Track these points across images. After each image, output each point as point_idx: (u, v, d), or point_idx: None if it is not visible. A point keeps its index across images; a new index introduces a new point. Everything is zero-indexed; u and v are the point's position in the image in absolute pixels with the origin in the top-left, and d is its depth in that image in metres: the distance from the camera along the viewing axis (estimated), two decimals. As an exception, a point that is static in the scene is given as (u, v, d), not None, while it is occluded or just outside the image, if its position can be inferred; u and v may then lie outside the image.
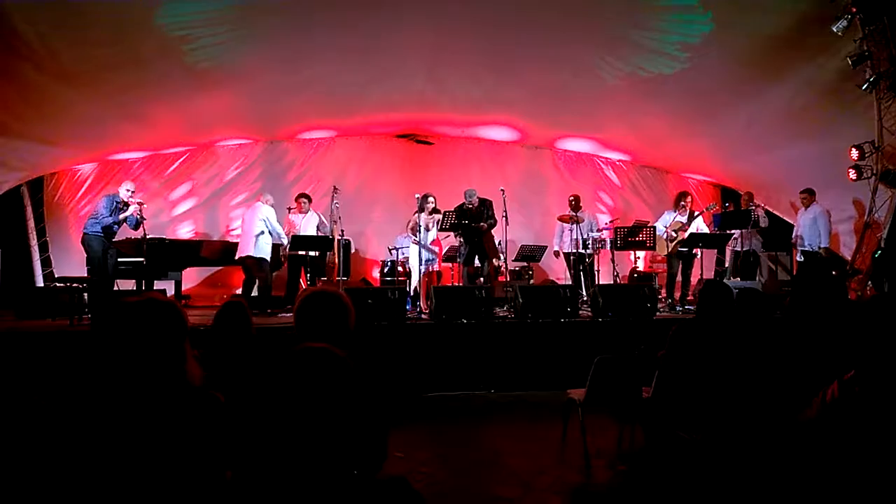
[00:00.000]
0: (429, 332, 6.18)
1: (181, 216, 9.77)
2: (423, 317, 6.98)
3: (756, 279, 8.20)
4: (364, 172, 10.41)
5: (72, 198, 9.24)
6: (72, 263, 8.43)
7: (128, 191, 7.07)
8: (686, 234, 7.91)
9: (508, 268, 8.69)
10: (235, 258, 7.87)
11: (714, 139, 9.26)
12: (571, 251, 8.60)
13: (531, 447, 4.31)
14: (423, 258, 8.08)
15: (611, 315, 6.59)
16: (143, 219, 7.02)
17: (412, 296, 7.89)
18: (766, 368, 2.84)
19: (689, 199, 8.31)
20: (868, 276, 7.34)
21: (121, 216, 6.93)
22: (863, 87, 6.88)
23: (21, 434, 1.21)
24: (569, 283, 7.63)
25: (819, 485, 1.84)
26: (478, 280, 7.84)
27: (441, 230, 7.88)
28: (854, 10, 6.38)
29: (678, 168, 11.24)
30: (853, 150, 7.30)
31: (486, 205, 7.74)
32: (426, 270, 8.16)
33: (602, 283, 8.13)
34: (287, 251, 7.93)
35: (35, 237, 8.92)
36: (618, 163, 11.25)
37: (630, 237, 8.12)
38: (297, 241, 7.69)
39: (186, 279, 8.04)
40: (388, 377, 5.26)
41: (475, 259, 7.80)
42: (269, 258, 7.73)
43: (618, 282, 8.77)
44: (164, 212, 9.60)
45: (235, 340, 2.96)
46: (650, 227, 8.15)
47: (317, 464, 1.08)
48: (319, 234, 8.12)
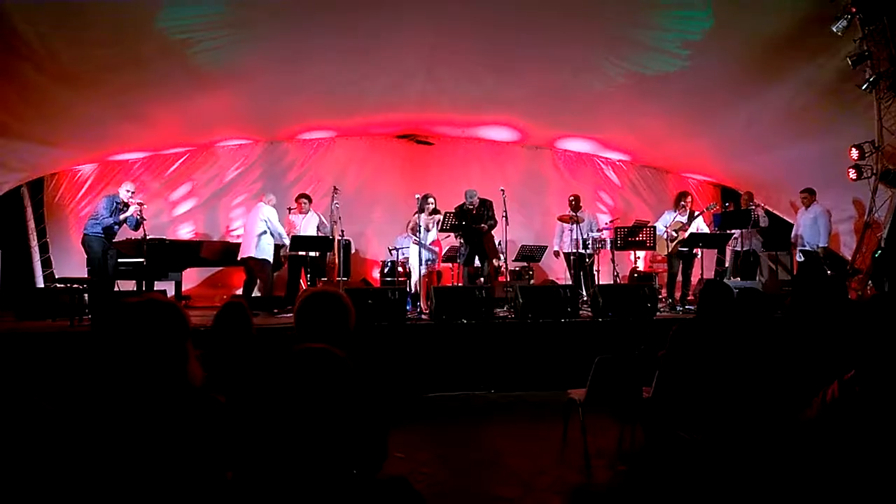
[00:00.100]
0: (429, 333, 6.18)
1: (181, 217, 9.78)
2: (424, 317, 6.98)
3: (756, 279, 8.21)
4: (364, 173, 10.41)
5: (72, 198, 9.24)
6: (72, 264, 8.43)
7: (128, 191, 7.08)
8: (686, 234, 7.91)
9: (508, 268, 8.69)
10: (238, 259, 7.87)
11: (714, 139, 9.25)
12: (571, 251, 8.60)
13: (531, 447, 4.31)
14: (424, 258, 8.09)
15: (611, 315, 6.59)
16: (144, 219, 7.03)
17: (412, 295, 7.89)
18: (767, 368, 2.84)
19: (690, 199, 8.32)
20: (868, 276, 7.34)
21: (121, 217, 6.94)
22: (863, 87, 6.88)
23: (22, 435, 1.21)
24: (569, 284, 7.62)
25: (819, 484, 1.84)
26: (478, 280, 7.84)
27: (441, 230, 7.89)
28: (854, 10, 6.38)
29: (678, 168, 11.24)
30: (853, 150, 7.30)
31: (487, 205, 7.74)
32: (426, 271, 8.17)
33: (602, 283, 8.13)
34: (287, 251, 7.93)
35: (35, 238, 8.92)
36: (618, 163, 11.25)
37: (630, 237, 8.13)
38: (297, 242, 7.68)
39: (187, 280, 8.05)
40: (389, 377, 5.27)
41: (475, 259, 7.79)
42: (272, 259, 7.74)
43: (618, 282, 8.77)
44: (165, 212, 9.61)
45: (235, 341, 2.96)
46: (650, 227, 8.16)
47: (317, 464, 1.09)
48: (319, 235, 8.13)
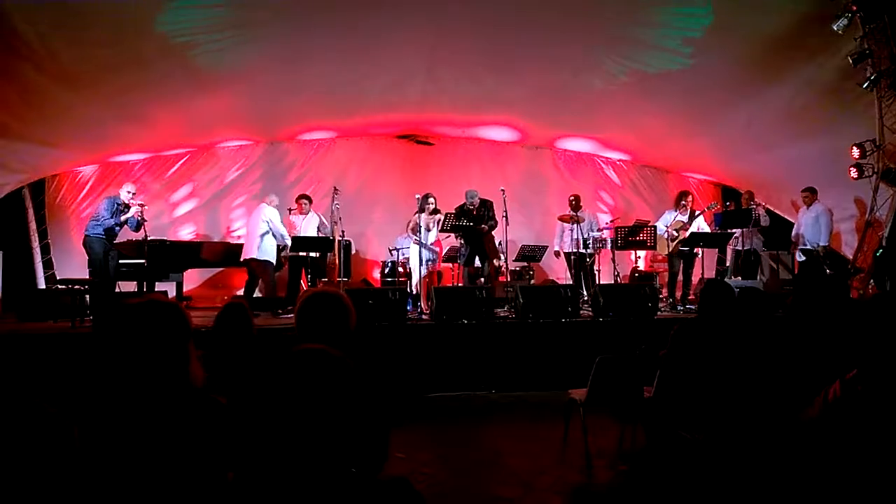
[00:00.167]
0: (430, 333, 6.18)
1: (182, 218, 9.78)
2: (424, 317, 6.97)
3: (757, 278, 8.20)
4: (364, 173, 10.41)
5: (73, 200, 9.25)
6: (73, 265, 8.44)
7: (129, 192, 7.09)
8: (687, 234, 7.91)
9: (509, 268, 8.69)
10: (240, 260, 7.88)
11: (714, 138, 9.25)
12: (572, 251, 8.60)
13: (532, 447, 4.31)
14: (424, 258, 8.08)
15: (612, 315, 6.58)
16: (145, 220, 7.03)
17: (413, 295, 7.86)
18: (768, 367, 2.83)
19: (690, 199, 8.33)
20: (870, 275, 7.33)
21: (122, 218, 6.95)
22: (863, 86, 6.87)
23: (23, 437, 1.21)
24: (570, 283, 7.62)
25: (821, 484, 1.83)
26: (478, 280, 7.84)
27: (442, 231, 7.88)
28: (854, 9, 6.37)
29: (679, 167, 11.23)
30: (854, 149, 7.29)
31: (487, 206, 7.73)
32: (427, 271, 8.16)
33: (603, 283, 8.13)
34: (287, 252, 7.93)
35: (37, 239, 8.93)
36: (618, 162, 11.24)
37: (631, 237, 8.12)
38: (298, 243, 7.68)
39: (188, 280, 8.05)
40: (389, 378, 5.26)
41: (476, 259, 7.79)
42: (275, 260, 7.73)
43: (619, 281, 8.76)
44: (166, 213, 9.61)
45: (236, 341, 2.96)
46: (651, 227, 8.15)
47: (317, 465, 1.09)
48: (320, 235, 8.13)
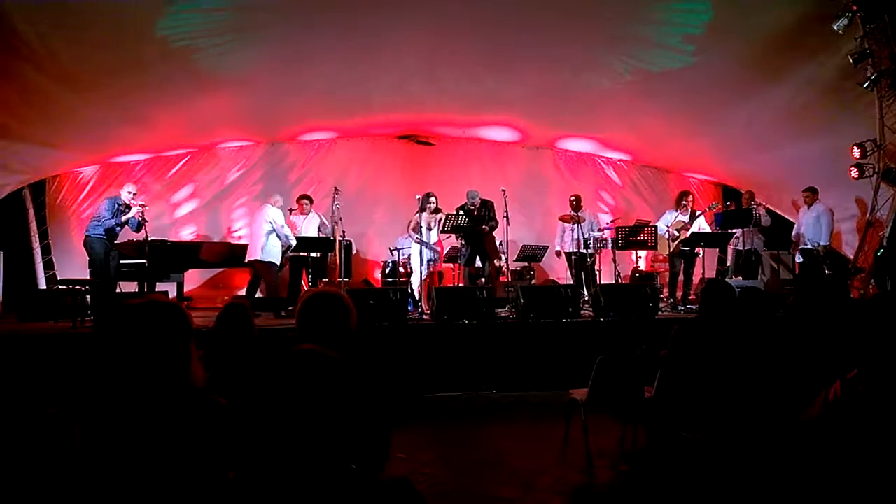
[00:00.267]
0: (430, 333, 6.18)
1: (183, 218, 9.78)
2: (425, 318, 6.97)
3: (758, 278, 8.19)
4: (365, 173, 10.41)
5: (74, 200, 9.25)
6: (74, 266, 8.44)
7: (129, 193, 7.09)
8: (688, 234, 7.90)
9: (510, 268, 8.68)
10: (245, 261, 7.89)
11: (715, 138, 9.24)
12: (573, 251, 8.60)
13: (533, 447, 4.31)
14: (426, 258, 8.06)
15: (613, 315, 6.58)
16: (146, 221, 7.03)
17: (414, 295, 7.84)
18: (769, 367, 2.83)
19: (691, 199, 8.32)
20: (870, 275, 7.33)
21: (123, 218, 6.95)
22: (864, 86, 6.87)
23: (24, 438, 1.21)
24: (570, 283, 7.62)
25: (822, 484, 1.83)
26: (479, 280, 7.83)
27: (443, 232, 7.87)
28: (855, 9, 6.37)
29: (679, 167, 11.22)
30: (855, 149, 7.29)
31: (488, 206, 7.73)
32: (428, 271, 8.14)
33: (604, 283, 8.13)
34: (288, 252, 7.94)
35: (37, 240, 8.93)
36: (619, 162, 11.24)
37: (631, 237, 8.12)
38: (299, 243, 7.69)
39: (188, 281, 8.05)
40: (390, 378, 5.26)
41: (476, 260, 7.79)
42: (279, 261, 7.70)
43: (619, 281, 8.76)
44: (166, 214, 9.61)
45: (237, 342, 2.96)
46: (651, 227, 8.15)
47: (316, 465, 1.09)
48: (321, 236, 8.13)
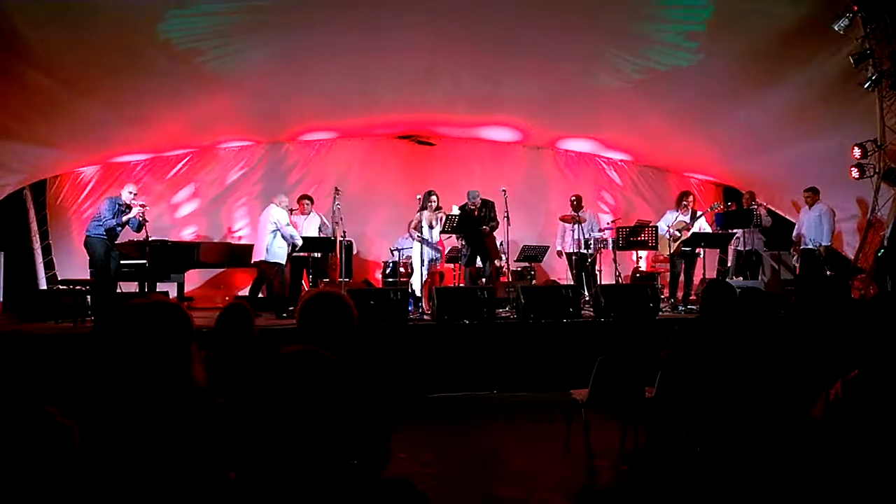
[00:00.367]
0: (431, 333, 6.18)
1: (184, 218, 9.78)
2: (426, 318, 6.97)
3: (759, 278, 8.19)
4: (366, 173, 10.40)
5: (74, 200, 9.25)
6: (75, 266, 8.44)
7: (130, 193, 7.08)
8: (689, 234, 7.90)
9: (510, 268, 8.68)
10: (251, 262, 7.91)
11: (716, 139, 9.23)
12: (573, 251, 8.59)
13: (534, 448, 4.31)
14: (427, 258, 8.03)
15: (613, 315, 6.58)
16: (146, 221, 7.03)
17: (414, 294, 7.80)
18: (770, 368, 2.83)
19: (692, 199, 8.32)
20: (871, 275, 7.32)
21: (124, 218, 6.94)
22: (865, 86, 6.86)
23: (23, 437, 1.21)
24: (571, 284, 7.61)
25: (823, 484, 1.83)
26: (480, 281, 7.83)
27: (443, 232, 7.87)
28: (855, 9, 6.36)
29: (680, 167, 11.22)
30: (855, 149, 7.28)
31: (488, 206, 7.73)
32: (429, 270, 8.12)
33: (604, 283, 8.12)
34: (292, 252, 7.93)
35: (38, 240, 8.93)
36: (619, 162, 11.23)
37: (632, 237, 8.11)
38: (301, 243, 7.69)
39: (189, 281, 8.04)
40: (391, 378, 5.26)
41: (477, 260, 7.78)
42: (285, 262, 7.67)
43: (620, 282, 8.75)
44: (167, 214, 9.61)
45: (237, 342, 2.96)
46: (652, 227, 8.14)
47: (316, 465, 1.09)
48: (321, 236, 8.13)
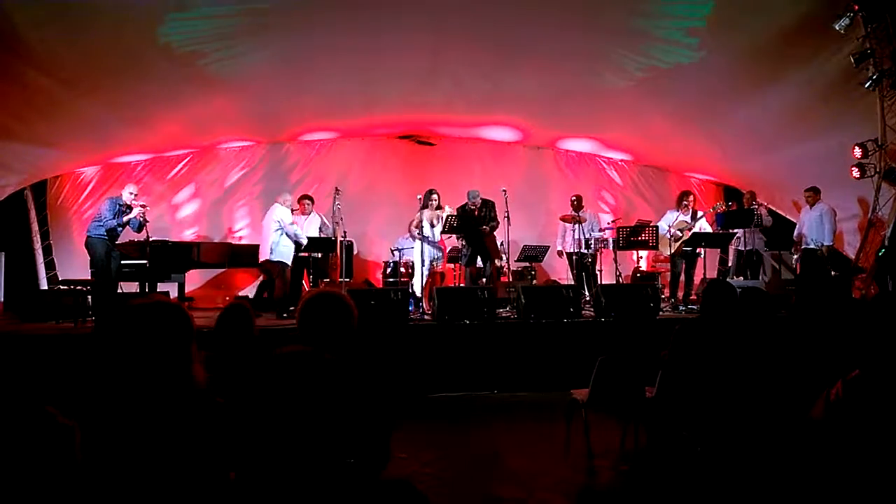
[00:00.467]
0: (432, 333, 6.18)
1: (185, 219, 9.79)
2: (426, 318, 6.97)
3: (759, 278, 8.19)
4: (366, 173, 10.40)
5: (75, 201, 9.26)
6: (75, 266, 8.45)
7: (131, 193, 7.09)
8: (691, 234, 7.90)
9: (511, 268, 8.67)
10: (259, 262, 7.94)
11: (716, 138, 9.22)
12: (574, 251, 8.59)
13: (534, 447, 4.31)
14: (429, 257, 8.01)
15: (614, 315, 6.58)
16: (147, 221, 7.04)
17: (414, 294, 7.77)
18: (770, 368, 2.83)
19: (692, 199, 8.31)
20: (872, 275, 7.31)
21: (124, 219, 6.95)
22: (865, 85, 6.85)
23: (24, 437, 1.22)
24: (571, 284, 7.61)
25: (824, 484, 1.83)
26: (480, 281, 7.82)
27: (443, 232, 7.86)
28: (856, 8, 6.36)
29: (680, 167, 11.21)
30: (856, 149, 7.27)
31: (489, 206, 7.73)
32: (431, 270, 8.10)
33: (605, 283, 8.11)
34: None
35: (39, 240, 8.94)
36: (620, 162, 11.22)
37: (633, 237, 8.11)
38: (302, 243, 7.69)
39: (189, 281, 8.04)
40: (392, 378, 5.26)
41: (477, 260, 7.78)
42: (291, 261, 7.65)
43: (620, 282, 8.75)
44: (168, 214, 9.61)
45: (238, 342, 2.96)
46: (653, 227, 8.14)
47: (316, 465, 1.09)
48: (322, 236, 8.13)
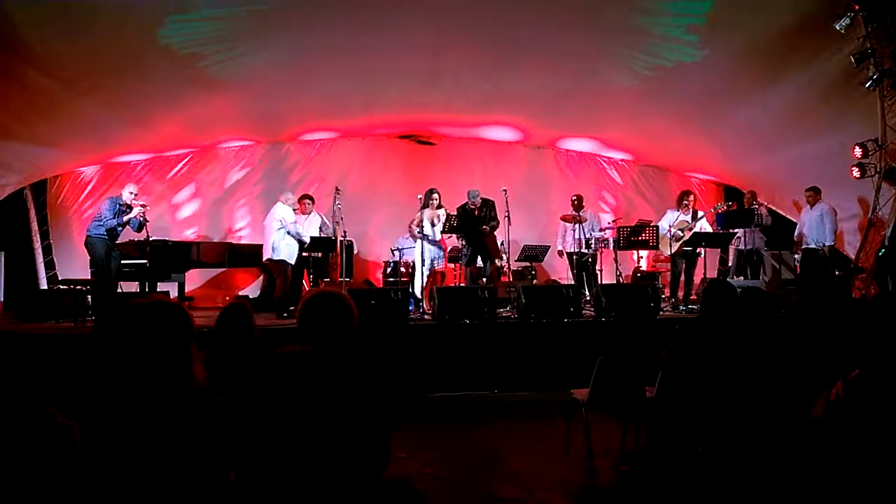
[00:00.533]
0: (432, 333, 6.18)
1: (185, 219, 9.79)
2: (427, 317, 6.97)
3: (760, 278, 8.18)
4: (366, 173, 10.40)
5: (75, 200, 9.26)
6: (75, 266, 8.45)
7: (131, 193, 7.08)
8: (691, 234, 7.89)
9: (511, 268, 8.67)
10: (262, 261, 7.96)
11: (717, 138, 9.22)
12: (574, 251, 8.59)
13: (535, 447, 4.31)
14: (429, 257, 8.00)
15: (614, 315, 6.57)
16: (147, 221, 7.03)
17: (414, 294, 7.77)
18: (770, 368, 2.83)
19: (692, 198, 8.31)
20: (872, 275, 7.31)
21: (124, 218, 6.94)
22: (866, 85, 6.85)
23: (24, 437, 1.22)
24: (572, 283, 7.60)
25: (824, 484, 1.83)
26: (480, 280, 7.82)
27: (444, 232, 7.86)
28: (857, 8, 6.36)
29: (681, 167, 11.21)
30: (857, 149, 7.27)
31: (489, 205, 7.72)
32: (431, 270, 8.09)
33: (605, 283, 8.11)
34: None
35: (38, 240, 8.94)
36: (620, 162, 11.22)
37: (633, 236, 8.10)
38: (302, 243, 7.68)
39: (189, 280, 8.03)
40: (392, 378, 5.26)
41: (478, 259, 7.77)
42: (294, 260, 7.66)
43: (621, 281, 8.75)
44: (168, 214, 9.61)
45: (238, 342, 2.96)
46: (653, 227, 8.14)
47: (316, 465, 1.08)
48: (322, 236, 8.13)
